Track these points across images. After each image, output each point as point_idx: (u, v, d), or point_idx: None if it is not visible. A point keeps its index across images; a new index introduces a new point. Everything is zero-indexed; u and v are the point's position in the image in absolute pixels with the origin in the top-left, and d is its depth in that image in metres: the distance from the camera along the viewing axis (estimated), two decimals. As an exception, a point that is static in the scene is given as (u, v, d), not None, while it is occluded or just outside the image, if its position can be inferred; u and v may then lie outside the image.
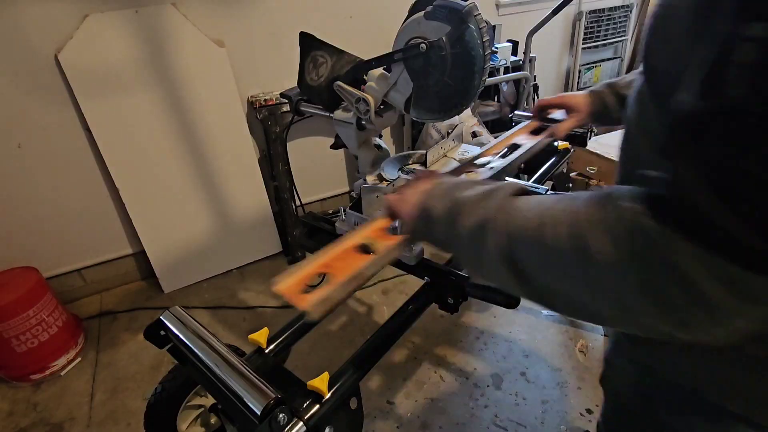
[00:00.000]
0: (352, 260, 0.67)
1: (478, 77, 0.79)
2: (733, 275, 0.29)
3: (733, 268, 0.29)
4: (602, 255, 0.34)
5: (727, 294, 0.29)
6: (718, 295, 0.30)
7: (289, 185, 2.26)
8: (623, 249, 0.33)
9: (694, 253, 0.30)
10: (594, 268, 0.35)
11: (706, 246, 0.29)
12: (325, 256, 0.69)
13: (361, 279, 0.65)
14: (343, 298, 0.64)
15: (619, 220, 0.34)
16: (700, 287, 0.30)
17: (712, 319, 0.31)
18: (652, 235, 0.32)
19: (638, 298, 0.33)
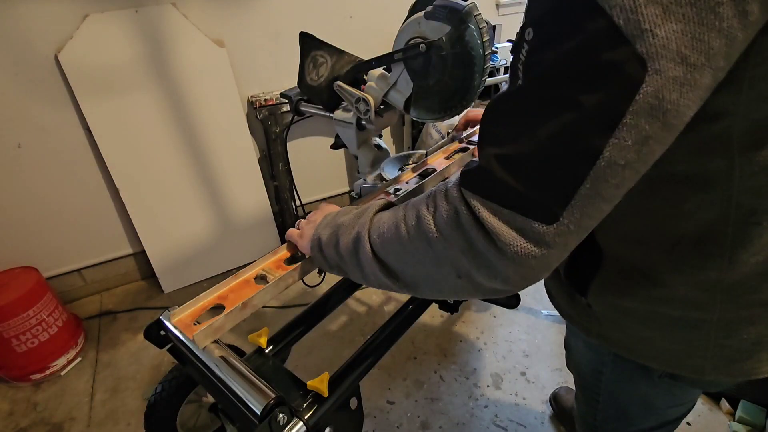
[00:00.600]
0: (248, 290, 0.74)
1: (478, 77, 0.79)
2: (519, 222, 0.38)
3: (518, 216, 0.37)
4: (436, 233, 0.43)
5: (516, 236, 0.38)
6: (509, 238, 0.38)
7: (289, 185, 2.26)
8: (448, 222, 0.42)
9: (491, 208, 0.39)
10: (434, 246, 0.44)
11: (499, 202, 0.38)
12: (223, 288, 0.77)
13: (250, 308, 0.72)
14: (232, 325, 0.71)
15: (445, 202, 0.43)
16: (497, 234, 0.38)
17: (508, 259, 0.39)
18: (464, 203, 0.41)
19: (464, 257, 0.42)
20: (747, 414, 1.34)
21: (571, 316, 0.66)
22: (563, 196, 0.36)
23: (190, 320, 0.71)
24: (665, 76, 0.31)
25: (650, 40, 0.30)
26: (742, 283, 0.48)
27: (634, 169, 0.35)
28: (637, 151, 0.34)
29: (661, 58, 0.30)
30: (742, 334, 0.51)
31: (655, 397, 0.67)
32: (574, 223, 0.37)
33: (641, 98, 0.31)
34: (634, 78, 0.31)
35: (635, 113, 0.32)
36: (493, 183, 0.39)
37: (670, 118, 0.33)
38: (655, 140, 0.34)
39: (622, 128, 0.33)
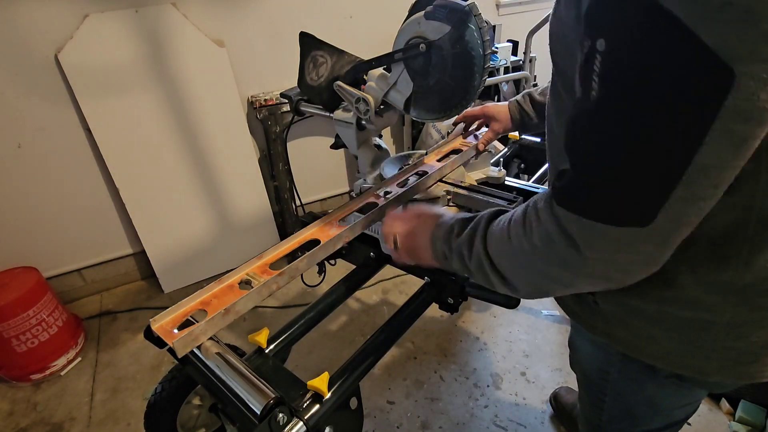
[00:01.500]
0: (231, 296, 0.74)
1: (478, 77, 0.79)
2: (612, 233, 0.40)
3: (610, 227, 0.40)
4: (533, 253, 0.48)
5: (607, 245, 0.41)
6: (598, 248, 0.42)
7: (289, 185, 2.26)
8: (542, 242, 0.46)
9: (582, 224, 0.41)
10: (535, 264, 0.48)
11: (592, 217, 0.41)
12: (206, 293, 0.76)
13: (233, 314, 0.71)
14: (213, 332, 0.71)
15: (537, 222, 0.47)
16: (587, 246, 0.42)
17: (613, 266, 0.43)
18: (555, 222, 0.44)
19: (564, 272, 0.46)
20: (747, 414, 1.34)
21: (576, 314, 0.66)
22: (654, 200, 0.37)
23: (171, 326, 0.70)
24: (755, 78, 0.31)
25: (735, 45, 0.30)
26: (755, 286, 0.48)
27: (733, 167, 0.36)
28: (733, 152, 0.34)
29: (752, 61, 0.30)
30: (750, 337, 0.51)
31: (661, 397, 0.67)
32: (672, 221, 0.38)
33: (731, 103, 0.31)
34: (720, 84, 0.31)
35: (726, 118, 0.32)
36: (582, 197, 0.41)
37: (765, 115, 0.33)
38: (754, 138, 0.34)
39: (713, 134, 0.33)
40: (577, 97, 0.40)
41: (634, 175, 0.37)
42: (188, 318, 0.73)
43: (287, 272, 0.77)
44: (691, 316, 0.52)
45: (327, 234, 0.87)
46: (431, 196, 1.06)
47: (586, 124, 0.39)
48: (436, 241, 0.64)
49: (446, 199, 1.07)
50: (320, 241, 0.84)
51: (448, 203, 1.08)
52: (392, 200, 0.94)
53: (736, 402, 1.39)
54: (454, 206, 1.08)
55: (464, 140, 1.20)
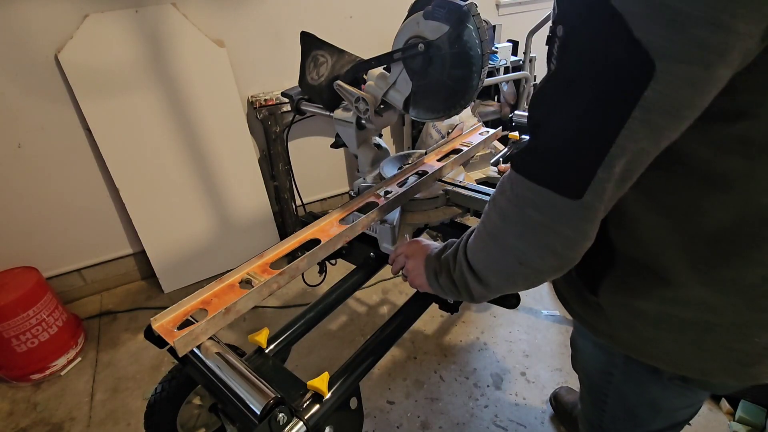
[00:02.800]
0: (232, 295, 0.74)
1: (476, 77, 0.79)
2: (552, 198, 0.43)
3: (551, 193, 0.43)
4: (496, 226, 0.51)
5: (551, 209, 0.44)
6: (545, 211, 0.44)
7: (289, 185, 2.26)
8: (503, 212, 0.49)
9: (529, 186, 0.45)
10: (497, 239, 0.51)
11: (536, 180, 0.44)
12: (207, 293, 0.76)
13: (234, 313, 0.72)
14: (214, 331, 0.71)
15: (500, 195, 0.50)
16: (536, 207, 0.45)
17: (549, 230, 0.45)
18: (507, 191, 0.48)
19: (519, 241, 0.49)
20: (747, 414, 1.34)
21: (579, 316, 0.66)
22: (583, 176, 0.41)
23: (171, 326, 0.71)
24: (676, 76, 0.34)
25: (661, 43, 0.33)
26: (758, 287, 0.48)
27: (648, 154, 0.40)
28: (649, 140, 0.38)
29: (672, 59, 0.33)
30: (754, 338, 0.51)
31: (664, 399, 0.67)
32: (597, 198, 0.42)
33: (650, 95, 0.35)
34: (642, 77, 0.35)
35: (644, 108, 0.36)
36: (532, 163, 0.45)
37: (684, 112, 0.37)
38: (669, 130, 0.38)
39: (633, 121, 0.37)
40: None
41: (570, 148, 0.41)
42: (189, 317, 0.73)
43: (287, 272, 0.77)
44: (695, 318, 0.52)
45: (327, 234, 0.87)
46: (431, 195, 1.06)
47: (539, 97, 0.44)
48: (429, 260, 0.70)
49: (445, 198, 1.07)
50: (320, 240, 0.84)
51: (448, 203, 1.08)
52: (392, 200, 0.94)
53: (736, 402, 1.39)
54: (453, 206, 1.08)
55: (465, 140, 1.20)
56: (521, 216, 0.47)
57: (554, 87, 0.42)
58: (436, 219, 1.06)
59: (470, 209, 1.06)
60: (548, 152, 0.44)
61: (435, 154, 1.15)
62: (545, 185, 0.44)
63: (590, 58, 0.38)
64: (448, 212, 1.07)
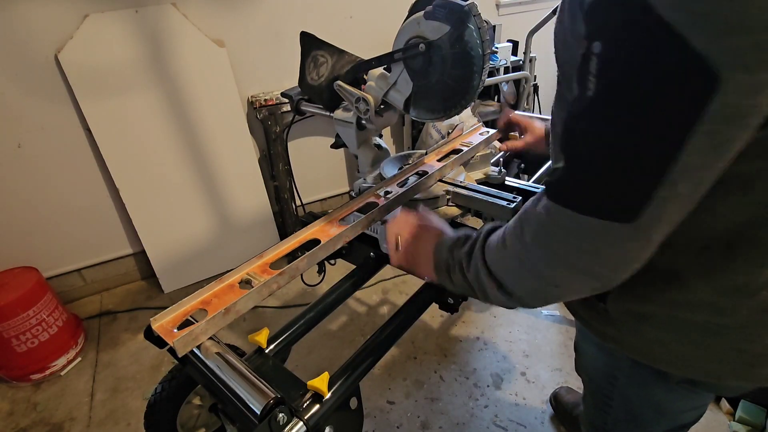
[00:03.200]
0: (232, 295, 0.74)
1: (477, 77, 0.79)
2: (597, 226, 0.41)
3: (595, 220, 0.41)
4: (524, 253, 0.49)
5: (595, 239, 0.42)
6: (587, 242, 0.43)
7: (289, 185, 2.26)
8: (534, 239, 0.47)
9: (570, 215, 0.42)
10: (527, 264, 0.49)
11: (578, 209, 0.42)
12: (206, 293, 0.76)
13: (233, 313, 0.71)
14: (214, 331, 0.71)
15: (528, 220, 0.48)
16: (576, 239, 0.43)
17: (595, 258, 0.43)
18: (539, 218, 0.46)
19: (553, 270, 0.47)
20: (747, 414, 1.34)
21: (586, 321, 0.66)
22: (640, 198, 0.38)
23: (171, 326, 0.71)
24: (742, 85, 0.32)
25: (722, 51, 0.31)
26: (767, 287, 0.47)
27: (715, 168, 0.37)
28: (715, 154, 0.36)
29: (737, 68, 0.31)
30: (765, 340, 0.50)
31: (670, 402, 0.67)
32: (655, 219, 0.39)
33: (715, 107, 0.33)
34: (706, 89, 0.32)
35: (710, 121, 0.33)
36: (571, 190, 0.43)
37: (752, 120, 0.34)
38: (737, 140, 0.35)
39: (697, 135, 0.34)
40: (574, 96, 0.41)
41: (622, 171, 0.39)
42: (188, 318, 0.73)
43: (287, 272, 0.77)
44: (704, 320, 0.51)
45: (327, 234, 0.87)
46: (431, 195, 1.06)
47: (580, 121, 0.41)
48: (438, 251, 0.66)
49: (446, 198, 1.07)
50: (320, 240, 0.84)
51: (448, 203, 1.08)
52: (392, 200, 0.94)
53: (736, 402, 1.39)
54: (454, 206, 1.08)
55: (465, 141, 1.20)
56: (558, 245, 0.45)
57: (596, 107, 0.39)
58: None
59: (471, 209, 1.06)
60: (593, 178, 0.41)
61: (435, 155, 1.15)
62: (590, 214, 0.41)
63: (642, 73, 0.35)
64: (448, 212, 1.07)
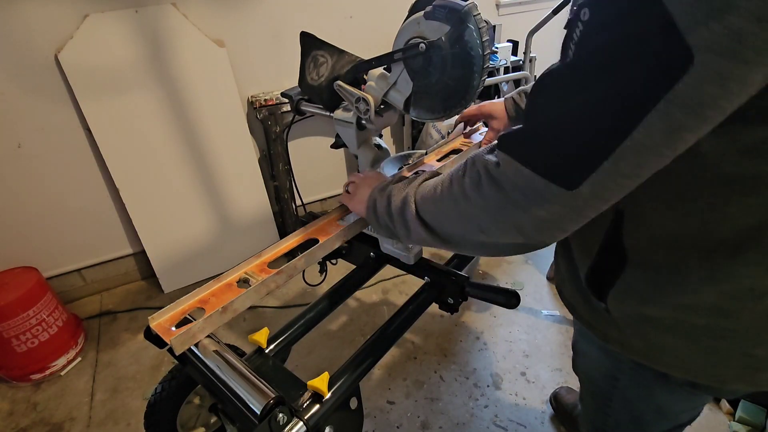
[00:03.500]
0: (230, 294, 0.75)
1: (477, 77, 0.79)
2: (538, 184, 0.41)
3: (538, 178, 0.41)
4: (461, 193, 0.50)
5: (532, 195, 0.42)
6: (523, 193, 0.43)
7: (289, 185, 2.26)
8: (471, 183, 0.48)
9: (514, 166, 0.43)
10: (459, 204, 0.50)
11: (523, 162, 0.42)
12: (204, 292, 0.77)
13: (231, 312, 0.72)
14: (211, 329, 0.72)
15: (473, 164, 0.49)
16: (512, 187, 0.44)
17: (521, 210, 0.44)
18: (489, 163, 0.46)
19: (483, 214, 0.48)
20: (747, 414, 1.34)
21: (588, 322, 0.65)
22: (587, 166, 0.38)
23: (169, 324, 0.71)
24: (710, 70, 0.31)
25: (702, 33, 0.30)
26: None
27: (661, 154, 0.37)
28: (666, 137, 0.35)
29: (710, 51, 0.31)
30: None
31: (671, 403, 0.66)
32: (592, 193, 0.40)
33: (680, 88, 0.32)
34: (676, 68, 0.32)
35: (671, 102, 0.33)
36: (524, 145, 0.43)
37: (708, 111, 0.33)
38: (687, 130, 0.35)
39: (655, 114, 0.34)
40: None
41: (577, 137, 0.39)
42: (186, 316, 0.73)
43: (285, 271, 0.77)
44: (709, 324, 0.51)
45: (326, 233, 0.87)
46: None
47: (551, 81, 0.42)
48: (374, 189, 0.71)
49: None
50: (319, 240, 0.84)
51: None
52: None
53: (736, 402, 1.39)
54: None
55: (465, 140, 1.20)
56: (493, 191, 0.46)
57: (568, 72, 0.40)
58: None
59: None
60: (550, 139, 0.41)
61: (435, 154, 1.15)
62: (537, 172, 0.42)
63: (620, 44, 0.35)
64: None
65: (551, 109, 0.41)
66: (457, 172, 0.53)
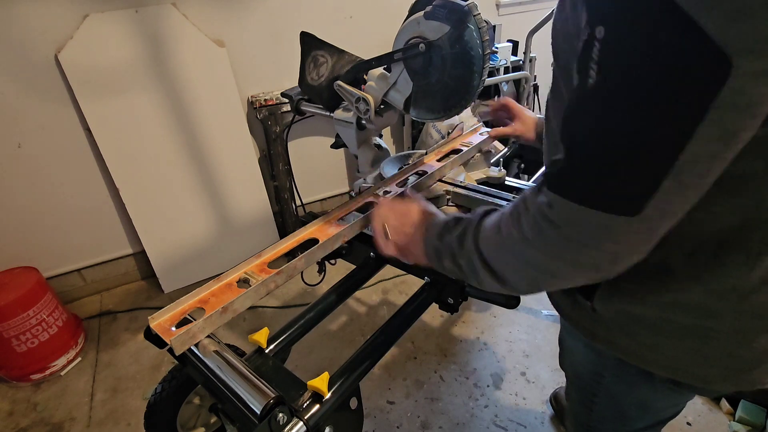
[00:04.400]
0: (230, 294, 0.75)
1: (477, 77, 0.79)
2: (600, 219, 0.39)
3: (599, 213, 0.39)
4: (522, 242, 0.47)
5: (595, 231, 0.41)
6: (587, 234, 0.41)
7: (289, 185, 2.26)
8: (532, 230, 0.46)
9: (571, 207, 0.41)
10: (526, 254, 0.47)
11: (579, 201, 0.40)
12: (204, 292, 0.77)
13: (231, 312, 0.72)
14: (211, 330, 0.71)
15: (527, 210, 0.47)
16: (576, 232, 0.42)
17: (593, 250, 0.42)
18: (544, 208, 0.44)
19: (553, 261, 0.45)
20: (747, 414, 1.34)
21: (575, 320, 0.65)
22: (646, 189, 0.37)
23: (169, 324, 0.71)
24: (751, 71, 0.30)
25: (734, 35, 0.30)
26: (759, 292, 0.47)
27: (722, 159, 0.36)
28: (724, 143, 0.34)
29: (748, 52, 0.30)
30: (753, 344, 0.50)
31: (654, 400, 0.67)
32: (660, 213, 0.38)
33: (726, 94, 0.31)
34: (717, 75, 0.31)
35: (720, 108, 0.32)
36: (573, 182, 0.41)
37: (759, 108, 0.33)
38: (745, 130, 0.34)
39: (707, 123, 0.33)
40: (574, 85, 0.40)
41: (627, 162, 0.37)
42: (186, 316, 0.73)
43: (285, 271, 0.77)
44: (694, 324, 0.51)
45: (325, 233, 0.87)
46: (431, 195, 1.06)
47: (582, 110, 0.39)
48: (429, 237, 0.64)
49: (446, 198, 1.07)
50: (318, 240, 0.84)
51: (448, 203, 1.08)
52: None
53: (736, 402, 1.39)
54: (453, 206, 1.08)
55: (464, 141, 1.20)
56: (557, 237, 0.43)
57: (604, 95, 0.37)
58: None
59: (471, 209, 1.06)
60: (596, 169, 0.39)
61: (435, 154, 1.15)
62: (593, 206, 0.39)
63: (648, 57, 0.33)
64: (449, 212, 1.07)
65: (592, 137, 0.39)
66: (512, 217, 0.49)
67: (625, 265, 0.44)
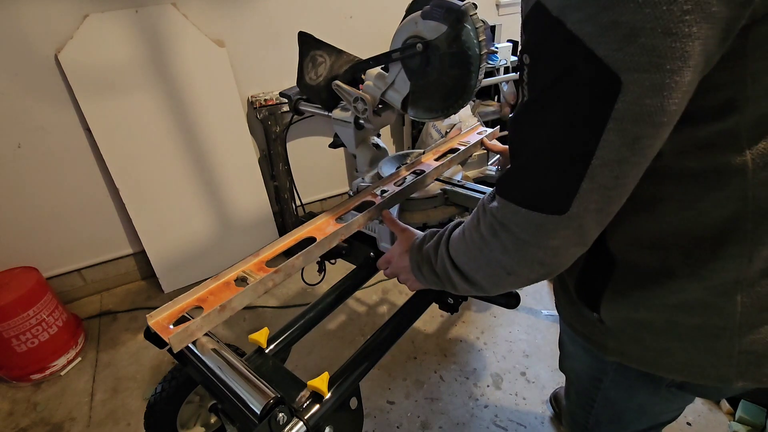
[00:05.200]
0: (228, 292, 0.74)
1: (474, 76, 0.79)
2: (534, 218, 0.45)
3: (533, 213, 0.45)
4: (480, 242, 0.53)
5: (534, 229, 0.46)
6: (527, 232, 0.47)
7: (289, 185, 2.26)
8: (486, 230, 0.51)
9: (511, 209, 0.47)
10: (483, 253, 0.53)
11: (517, 202, 0.46)
12: (203, 290, 0.77)
13: (229, 310, 0.72)
14: (209, 327, 0.72)
15: (482, 212, 0.52)
16: (516, 231, 0.47)
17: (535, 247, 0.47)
18: (493, 210, 0.50)
19: (504, 257, 0.50)
20: (747, 414, 1.34)
21: (585, 335, 0.65)
22: (569, 190, 0.42)
23: (167, 322, 0.71)
24: (642, 86, 0.36)
25: (621, 57, 0.35)
26: (761, 283, 0.47)
27: (632, 163, 0.41)
28: (629, 149, 0.39)
29: (635, 70, 0.35)
30: (765, 336, 0.50)
31: (653, 404, 0.67)
32: (585, 210, 0.43)
33: (621, 106, 0.37)
34: (610, 91, 0.37)
35: (618, 119, 0.38)
36: (513, 185, 0.47)
37: (657, 118, 0.38)
38: (647, 137, 0.39)
39: (609, 132, 0.38)
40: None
41: (551, 167, 0.43)
42: (184, 314, 0.73)
43: (283, 269, 0.77)
44: (702, 323, 0.51)
45: (323, 232, 0.87)
46: (428, 194, 1.06)
47: (518, 124, 0.47)
48: (411, 252, 0.70)
49: (443, 197, 1.07)
50: (316, 238, 0.84)
51: (446, 202, 1.08)
52: (388, 199, 0.94)
53: (736, 402, 1.39)
54: (452, 205, 1.08)
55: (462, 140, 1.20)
56: (506, 236, 0.49)
57: (528, 111, 0.44)
58: (435, 218, 1.06)
59: (469, 208, 1.06)
60: (529, 174, 0.45)
61: (433, 154, 1.15)
62: (529, 207, 0.45)
63: (558, 80, 0.40)
64: (446, 211, 1.07)
65: (524, 147, 0.46)
66: (473, 221, 0.55)
67: (569, 258, 0.48)
